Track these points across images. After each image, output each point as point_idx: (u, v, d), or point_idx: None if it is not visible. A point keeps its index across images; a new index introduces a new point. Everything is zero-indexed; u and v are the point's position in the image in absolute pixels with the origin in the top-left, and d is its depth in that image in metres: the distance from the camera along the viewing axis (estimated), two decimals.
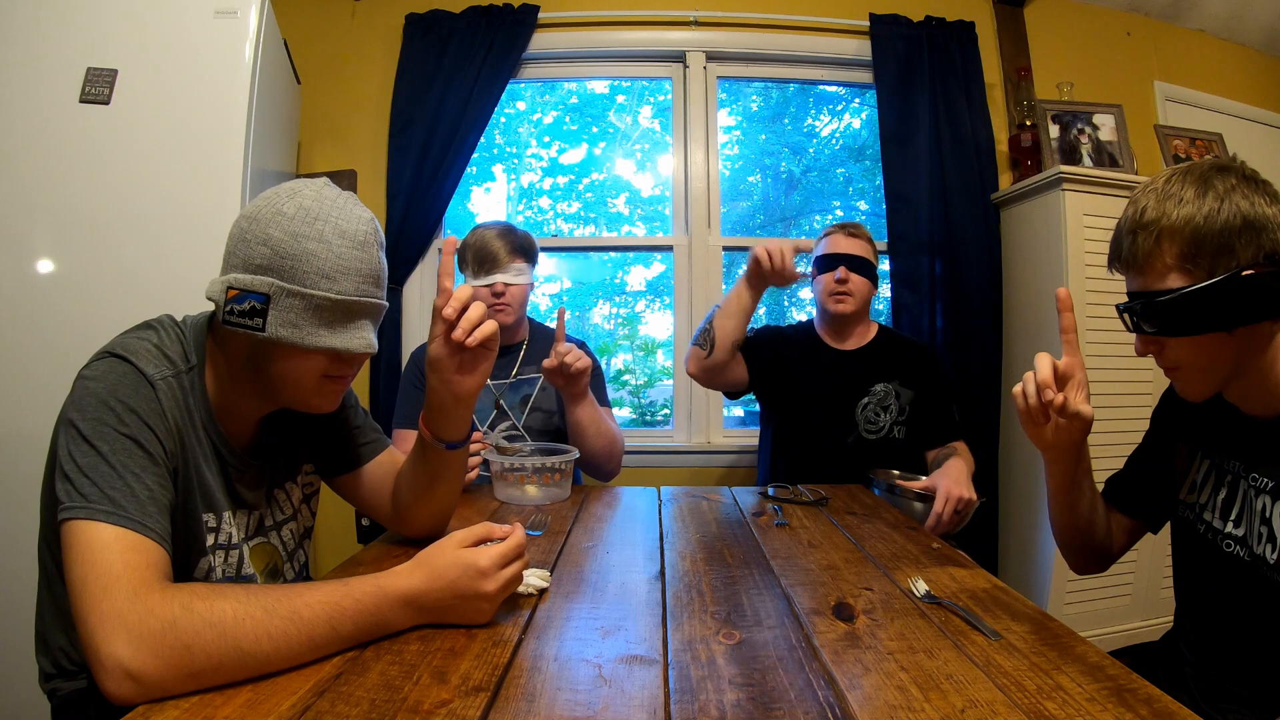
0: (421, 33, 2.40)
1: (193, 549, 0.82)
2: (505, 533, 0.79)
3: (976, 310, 2.42)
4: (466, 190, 2.75)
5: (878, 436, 1.74)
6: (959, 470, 1.45)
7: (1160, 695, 0.62)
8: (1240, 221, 0.78)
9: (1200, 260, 0.79)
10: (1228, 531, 0.89)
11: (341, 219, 0.81)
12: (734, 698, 0.62)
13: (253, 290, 0.77)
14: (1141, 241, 0.82)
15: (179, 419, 0.78)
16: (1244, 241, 0.78)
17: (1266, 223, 0.78)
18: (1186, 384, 0.88)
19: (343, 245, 0.80)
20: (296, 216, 0.79)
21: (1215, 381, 0.86)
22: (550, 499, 1.39)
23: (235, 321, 0.78)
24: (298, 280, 0.78)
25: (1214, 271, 0.79)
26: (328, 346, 0.81)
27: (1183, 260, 0.80)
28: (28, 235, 1.60)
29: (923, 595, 0.87)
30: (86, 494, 0.66)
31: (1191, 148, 2.47)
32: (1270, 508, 0.83)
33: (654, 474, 2.39)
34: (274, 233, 0.78)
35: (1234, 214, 0.78)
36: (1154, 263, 0.82)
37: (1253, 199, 0.78)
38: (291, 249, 0.78)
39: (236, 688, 0.61)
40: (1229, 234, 0.78)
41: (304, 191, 0.81)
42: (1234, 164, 0.83)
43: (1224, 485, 0.92)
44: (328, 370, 0.84)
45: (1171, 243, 0.80)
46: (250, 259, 0.78)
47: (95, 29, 1.64)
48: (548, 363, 1.40)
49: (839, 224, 1.83)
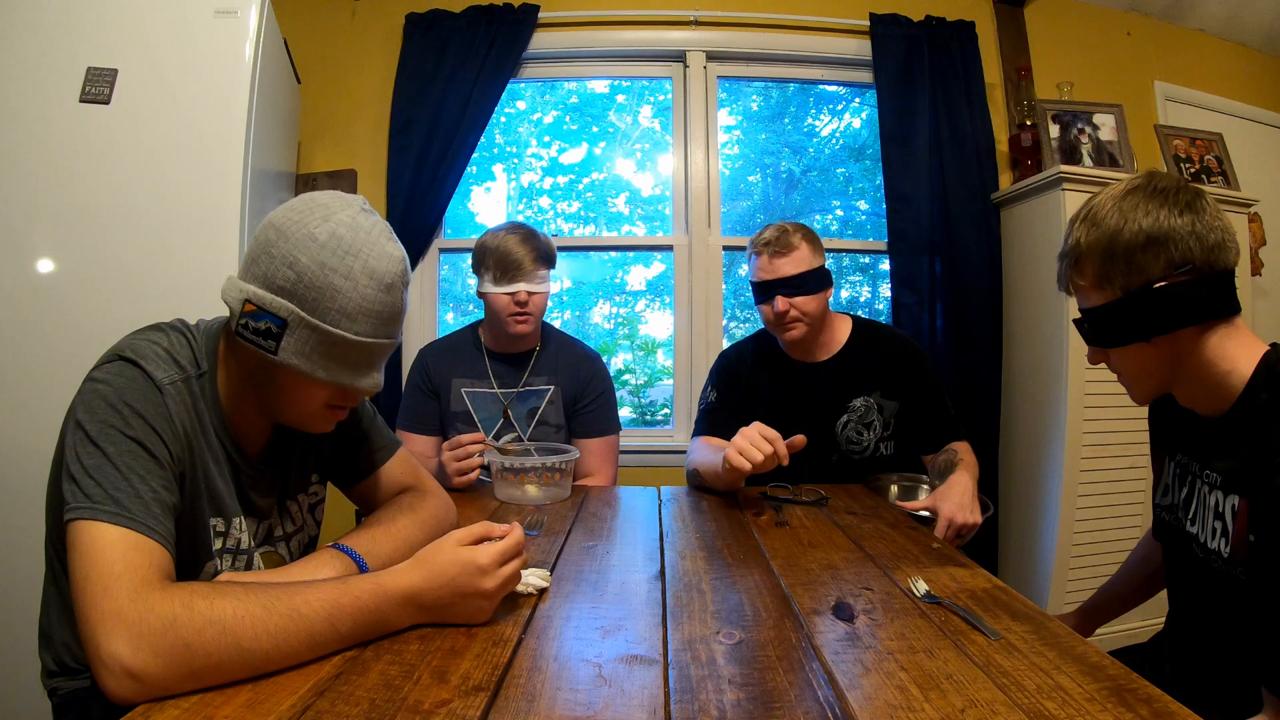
0: (421, 33, 2.40)
1: (199, 552, 0.82)
2: (504, 531, 0.80)
3: (976, 310, 2.42)
4: (466, 190, 2.75)
5: (863, 455, 1.61)
6: (962, 488, 1.32)
7: (1160, 695, 0.62)
8: (1144, 238, 0.83)
9: (1114, 278, 0.86)
10: (1189, 530, 0.92)
11: (372, 257, 0.78)
12: (734, 698, 0.62)
13: (271, 311, 0.77)
14: (1065, 268, 0.92)
15: (187, 424, 0.78)
16: (1151, 255, 0.83)
17: (1172, 234, 0.82)
18: (1129, 389, 0.95)
19: (369, 286, 0.78)
20: (328, 245, 0.76)
21: (1151, 386, 0.92)
22: (550, 499, 1.38)
23: (249, 337, 0.78)
24: (318, 314, 0.77)
25: (1126, 287, 0.85)
26: (335, 382, 0.81)
27: (1098, 280, 0.88)
28: (28, 235, 1.60)
29: (923, 595, 0.87)
30: (91, 495, 0.66)
31: (1191, 148, 2.47)
32: (1222, 502, 0.85)
33: (654, 474, 2.39)
34: (302, 258, 0.76)
35: (1137, 231, 0.83)
36: (1079, 285, 0.91)
37: (1156, 214, 0.83)
38: (317, 280, 0.76)
39: (236, 687, 0.61)
40: (1132, 250, 0.84)
41: (339, 215, 0.78)
42: (1152, 179, 0.87)
43: (1184, 484, 0.95)
44: (331, 400, 0.84)
45: (1089, 264, 0.88)
46: (272, 277, 0.77)
47: (95, 29, 1.64)
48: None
49: (764, 240, 1.55)
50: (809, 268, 1.53)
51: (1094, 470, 2.14)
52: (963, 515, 1.26)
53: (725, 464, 1.27)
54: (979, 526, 1.29)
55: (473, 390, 1.65)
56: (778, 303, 1.52)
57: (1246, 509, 0.80)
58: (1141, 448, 2.14)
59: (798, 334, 1.55)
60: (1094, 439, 2.13)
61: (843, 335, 1.65)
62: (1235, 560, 0.82)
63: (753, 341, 1.73)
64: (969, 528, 1.27)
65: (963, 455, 1.49)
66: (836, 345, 1.64)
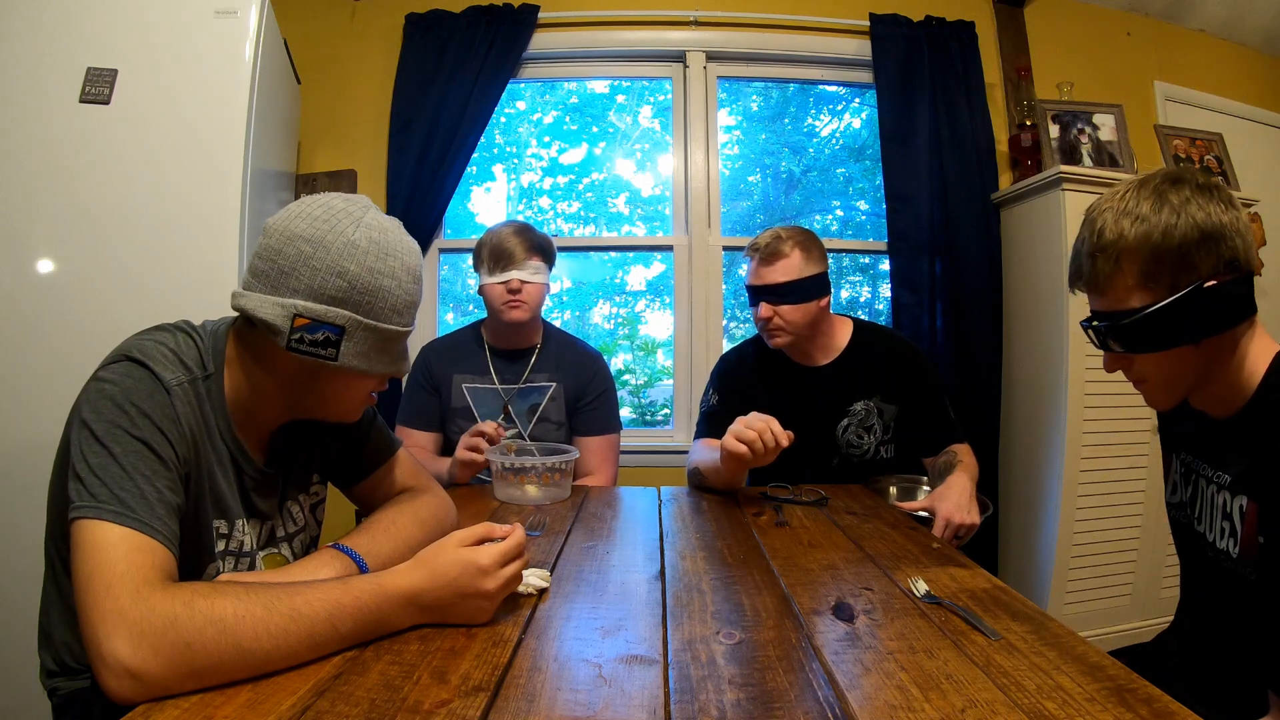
0: (421, 33, 2.40)
1: (202, 553, 0.82)
2: (505, 532, 0.80)
3: (976, 310, 2.42)
4: (466, 190, 2.75)
5: (864, 459, 1.61)
6: (960, 489, 1.32)
7: (1160, 695, 0.62)
8: (1198, 234, 0.77)
9: (1161, 277, 0.79)
10: (1197, 530, 0.91)
11: (405, 253, 0.84)
12: (734, 698, 0.62)
13: (328, 321, 0.79)
14: (1101, 265, 0.82)
15: (193, 425, 0.78)
16: (1203, 254, 0.77)
17: (1223, 230, 0.78)
18: (1153, 395, 0.89)
19: (408, 281, 0.85)
20: (371, 251, 0.80)
21: (1182, 392, 0.87)
22: (550, 499, 1.38)
23: (306, 350, 0.79)
24: (373, 315, 0.82)
25: (1176, 287, 0.78)
26: (388, 373, 0.87)
27: (1144, 279, 0.80)
28: (28, 235, 1.60)
29: (923, 595, 0.87)
30: (96, 494, 0.66)
31: (1191, 148, 2.47)
32: (1230, 503, 0.84)
33: (654, 474, 2.39)
34: (350, 266, 0.79)
35: (1191, 227, 0.77)
36: (1115, 284, 0.82)
37: (1208, 209, 0.78)
38: (369, 284, 0.80)
39: (236, 687, 0.61)
40: (1187, 248, 0.77)
41: (365, 219, 0.82)
42: (1187, 173, 0.82)
43: (1189, 484, 0.94)
44: (375, 389, 0.90)
45: (1131, 263, 0.80)
46: (321, 289, 0.78)
47: (95, 29, 1.64)
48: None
49: (756, 245, 1.55)
50: (798, 276, 1.51)
51: (1094, 470, 2.14)
52: (960, 515, 1.26)
53: (723, 452, 1.29)
54: (978, 527, 1.29)
55: (473, 386, 1.66)
56: (761, 309, 1.54)
57: (1256, 510, 0.80)
58: (1142, 448, 2.17)
59: (781, 341, 1.56)
60: (1094, 439, 2.13)
61: (843, 339, 1.64)
62: (1244, 561, 0.82)
63: (754, 344, 1.72)
64: (967, 528, 1.27)
65: (962, 457, 1.49)
66: (837, 349, 1.63)
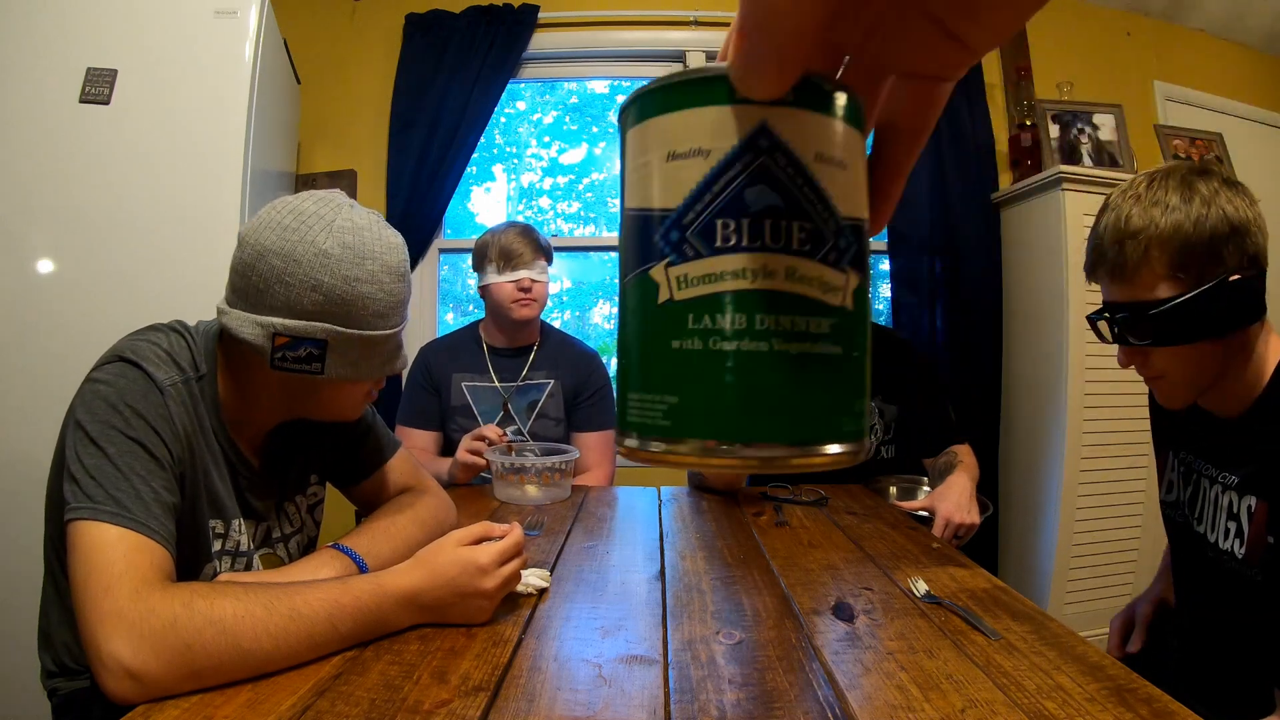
0: (421, 33, 2.40)
1: (198, 554, 0.82)
2: (503, 531, 0.80)
3: (976, 310, 2.42)
4: (466, 190, 2.75)
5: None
6: (960, 489, 1.33)
7: (1160, 695, 0.62)
8: (1228, 227, 0.77)
9: (1190, 268, 0.78)
10: (1197, 530, 0.91)
11: (384, 252, 0.80)
12: (734, 698, 0.62)
13: (308, 337, 0.77)
14: (1130, 251, 0.80)
15: (187, 425, 0.78)
16: (1230, 247, 0.77)
17: (1249, 225, 0.78)
18: (1171, 392, 0.88)
19: (390, 282, 0.81)
20: (344, 258, 0.77)
21: (1199, 389, 0.86)
22: (550, 499, 1.38)
23: (290, 367, 0.78)
24: (354, 324, 0.79)
25: (1202, 279, 0.78)
26: (381, 375, 0.85)
27: (1172, 269, 0.78)
28: (28, 235, 1.60)
29: (923, 595, 0.87)
30: (92, 495, 0.66)
31: (1191, 147, 2.47)
32: (1237, 503, 0.84)
33: (654, 474, 2.39)
34: (324, 278, 0.76)
35: (1221, 219, 0.77)
36: (1143, 272, 0.80)
37: (1235, 202, 0.78)
38: (346, 294, 0.77)
39: (236, 687, 0.61)
40: (1218, 240, 0.77)
41: (336, 222, 0.78)
42: (1212, 166, 0.82)
43: (1189, 483, 0.93)
44: (371, 389, 0.89)
45: (1161, 251, 0.79)
46: (298, 304, 0.76)
47: (95, 29, 1.64)
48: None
49: None
50: None
51: (1094, 470, 2.14)
52: (960, 515, 1.27)
53: None
54: (977, 527, 1.29)
55: (473, 384, 1.67)
56: None
57: (1265, 511, 0.79)
58: (1142, 448, 2.16)
59: None
60: (1094, 439, 2.13)
61: None
62: (1250, 562, 0.81)
63: None
64: (967, 528, 1.27)
65: (962, 457, 1.50)
66: None
